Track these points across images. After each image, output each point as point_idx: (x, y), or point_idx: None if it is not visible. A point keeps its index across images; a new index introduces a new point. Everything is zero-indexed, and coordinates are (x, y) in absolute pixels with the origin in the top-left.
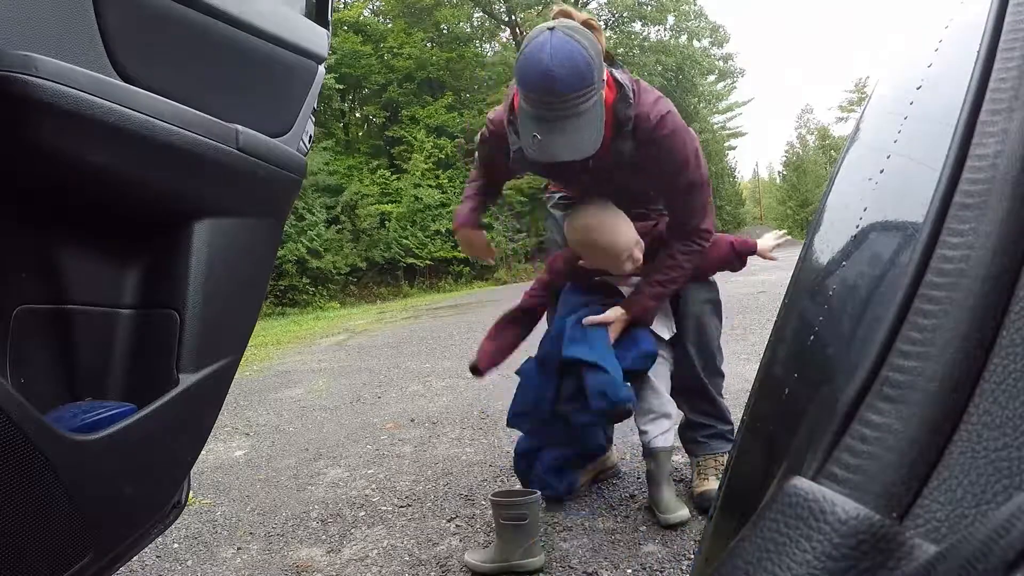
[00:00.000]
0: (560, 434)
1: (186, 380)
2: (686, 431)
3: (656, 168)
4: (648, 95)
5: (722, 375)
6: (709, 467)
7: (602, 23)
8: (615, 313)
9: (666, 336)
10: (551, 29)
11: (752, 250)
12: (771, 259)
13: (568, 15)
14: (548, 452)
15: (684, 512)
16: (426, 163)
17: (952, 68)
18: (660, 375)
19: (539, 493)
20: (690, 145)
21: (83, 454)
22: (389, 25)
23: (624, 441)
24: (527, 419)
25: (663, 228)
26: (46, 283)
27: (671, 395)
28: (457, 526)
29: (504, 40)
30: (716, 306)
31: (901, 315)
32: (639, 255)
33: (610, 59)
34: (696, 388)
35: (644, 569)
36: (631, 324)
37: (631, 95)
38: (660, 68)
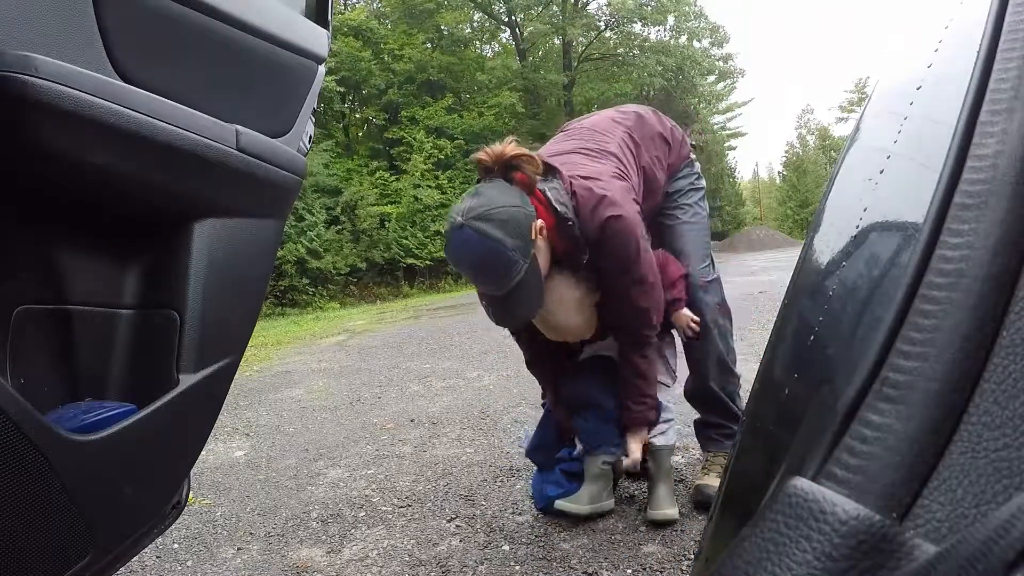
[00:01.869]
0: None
1: (186, 380)
2: (700, 427)
3: (604, 272)
4: (587, 201)
5: (736, 375)
6: (715, 463)
7: (602, 24)
8: (636, 448)
9: (669, 384)
10: (460, 227)
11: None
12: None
13: (484, 164)
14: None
15: (671, 512)
16: (426, 164)
17: (952, 68)
18: (662, 373)
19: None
20: (634, 244)
21: (83, 454)
22: (390, 27)
23: None
24: (543, 453)
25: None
26: (46, 283)
27: (685, 396)
28: (457, 526)
29: (504, 41)
30: (723, 306)
31: (901, 315)
32: (588, 335)
33: (548, 170)
34: (709, 396)
35: (644, 569)
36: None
37: (569, 215)
38: (660, 68)
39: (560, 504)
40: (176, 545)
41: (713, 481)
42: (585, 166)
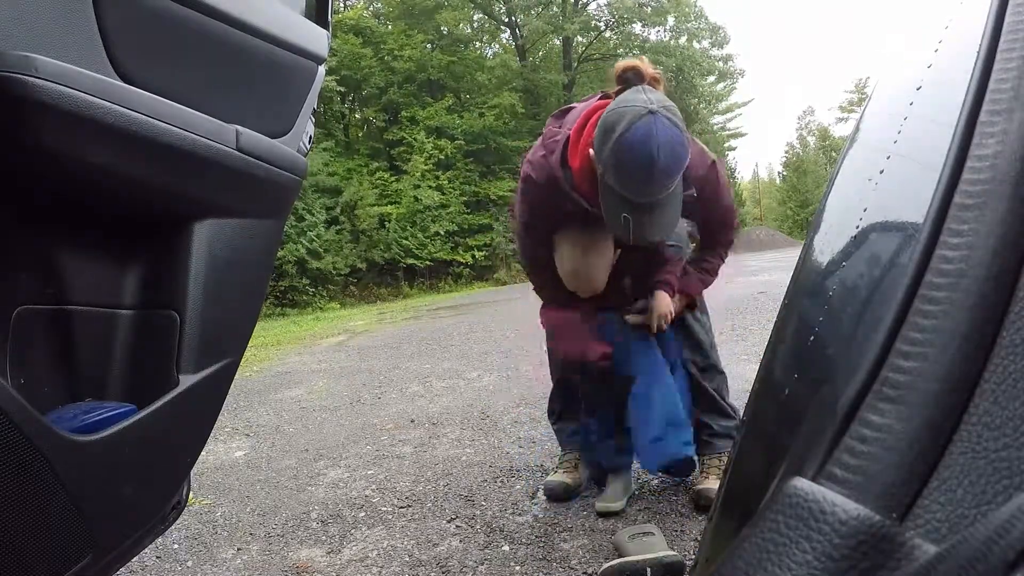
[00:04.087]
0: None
1: (186, 381)
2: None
3: (703, 202)
4: (694, 145)
5: (721, 372)
6: (712, 466)
7: (602, 24)
8: (661, 305)
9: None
10: (652, 113)
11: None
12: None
13: (638, 71)
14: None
15: (614, 505)
16: (426, 164)
17: (952, 68)
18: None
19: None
20: (726, 180)
21: (83, 455)
22: (389, 28)
23: None
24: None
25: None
26: (46, 283)
27: None
28: (457, 527)
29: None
30: (701, 301)
31: (901, 315)
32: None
33: None
34: (693, 391)
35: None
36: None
37: (688, 145)
38: (660, 69)
39: (600, 506)
40: (176, 545)
41: (712, 484)
42: None
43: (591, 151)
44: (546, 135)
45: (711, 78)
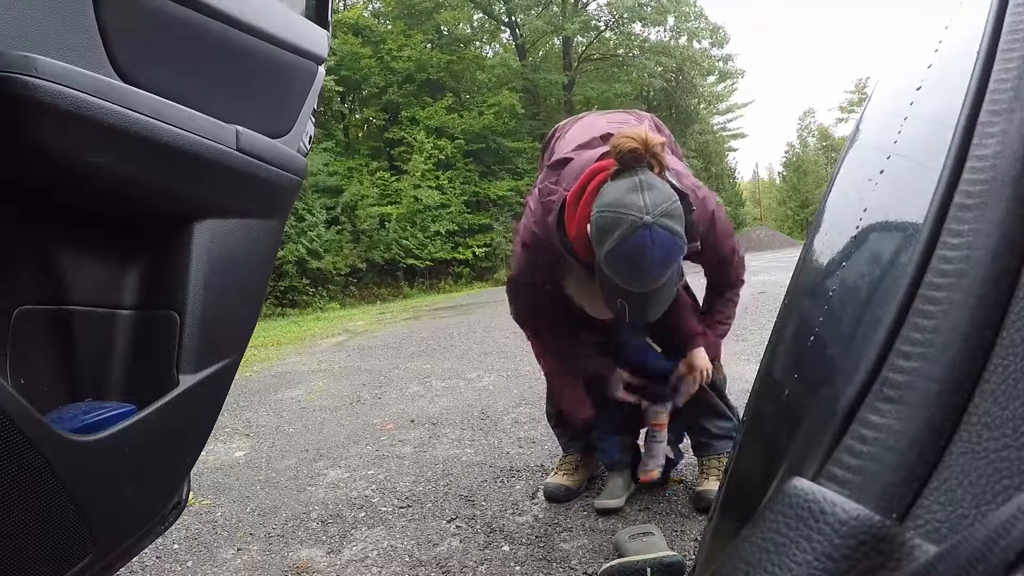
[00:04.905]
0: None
1: (186, 381)
2: (690, 433)
3: (708, 251)
4: (698, 192)
5: (721, 369)
6: (711, 467)
7: (602, 24)
8: (701, 360)
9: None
10: (648, 227)
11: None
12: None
13: (637, 155)
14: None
15: (613, 502)
16: (426, 164)
17: (952, 68)
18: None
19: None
20: (728, 225)
21: (83, 455)
22: (389, 27)
23: None
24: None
25: None
26: (46, 283)
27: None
28: (457, 527)
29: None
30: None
31: (901, 315)
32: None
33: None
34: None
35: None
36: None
37: (691, 202)
38: (660, 69)
39: (599, 504)
40: (176, 545)
41: (712, 486)
42: (675, 163)
43: (588, 228)
44: (542, 191)
45: (711, 78)
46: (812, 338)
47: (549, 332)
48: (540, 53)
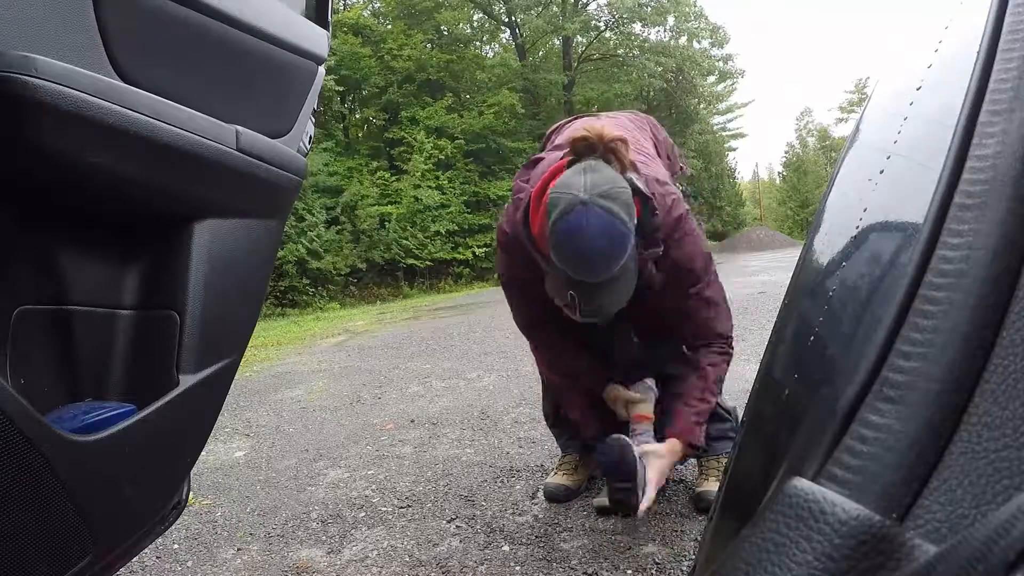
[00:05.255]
0: None
1: (186, 381)
2: None
3: (674, 272)
4: (662, 197)
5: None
6: (711, 468)
7: (602, 24)
8: (672, 453)
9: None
10: (584, 204)
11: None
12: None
13: (589, 144)
14: None
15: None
16: (426, 164)
17: (952, 68)
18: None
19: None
20: (698, 239)
21: (83, 455)
22: (389, 27)
23: None
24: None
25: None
26: (46, 283)
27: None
28: (457, 527)
29: (505, 42)
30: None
31: (901, 315)
32: None
33: (633, 166)
34: None
35: (644, 569)
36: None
37: (655, 205)
38: (660, 69)
39: (599, 504)
40: (176, 545)
41: (711, 486)
42: (646, 164)
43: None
44: (515, 189)
45: (711, 78)
46: (812, 338)
47: (543, 336)
48: (540, 53)
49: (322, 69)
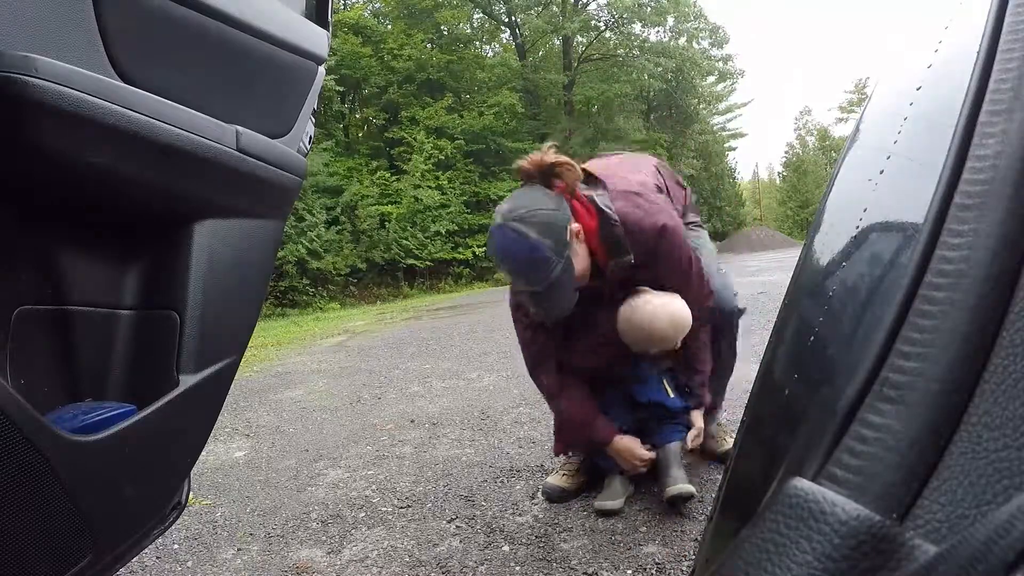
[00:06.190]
0: None
1: (186, 381)
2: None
3: (661, 269)
4: (637, 208)
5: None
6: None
7: (602, 24)
8: (696, 429)
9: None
10: (499, 226)
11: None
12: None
13: (527, 172)
14: None
15: (611, 504)
16: (426, 164)
17: (952, 69)
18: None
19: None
20: (682, 241)
21: (83, 455)
22: (389, 27)
23: None
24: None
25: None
26: (46, 283)
27: None
28: (457, 527)
29: (505, 42)
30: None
31: (901, 315)
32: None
33: (593, 179)
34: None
35: (644, 569)
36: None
37: (614, 216)
38: (660, 70)
39: (598, 504)
40: (176, 545)
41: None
42: (626, 178)
43: None
44: None
45: (711, 78)
46: (812, 338)
47: (549, 366)
48: (540, 53)
49: (322, 69)
